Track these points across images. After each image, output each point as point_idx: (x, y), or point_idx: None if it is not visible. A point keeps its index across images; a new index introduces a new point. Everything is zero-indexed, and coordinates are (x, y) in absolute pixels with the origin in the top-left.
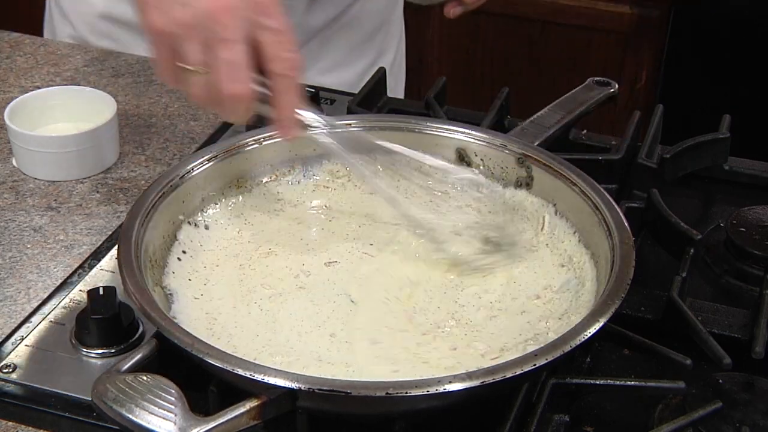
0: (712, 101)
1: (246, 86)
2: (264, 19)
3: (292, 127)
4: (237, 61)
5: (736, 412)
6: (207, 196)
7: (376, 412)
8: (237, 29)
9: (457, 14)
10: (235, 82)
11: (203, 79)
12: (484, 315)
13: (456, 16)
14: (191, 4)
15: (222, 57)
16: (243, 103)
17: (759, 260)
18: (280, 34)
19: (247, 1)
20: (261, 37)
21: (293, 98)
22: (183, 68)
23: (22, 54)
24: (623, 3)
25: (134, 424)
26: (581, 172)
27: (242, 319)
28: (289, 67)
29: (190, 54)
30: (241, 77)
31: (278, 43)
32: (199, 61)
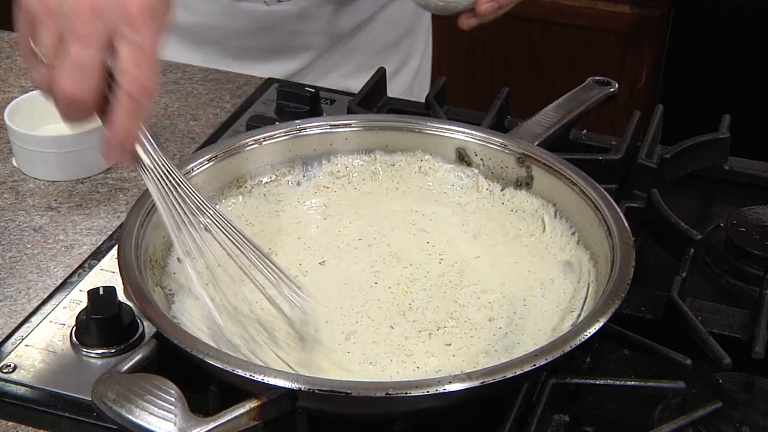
0: (712, 101)
1: (85, 90)
2: (129, 30)
3: (117, 151)
4: (84, 62)
5: (736, 412)
6: (207, 196)
7: (376, 413)
8: (95, 31)
9: (472, 26)
10: (75, 83)
11: (47, 68)
12: (483, 315)
13: (470, 28)
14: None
15: (71, 53)
16: (79, 107)
17: (759, 260)
18: (141, 50)
19: (118, 8)
20: (121, 49)
21: (130, 120)
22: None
23: None
24: (623, 3)
25: (134, 424)
26: (581, 172)
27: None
28: (137, 87)
29: (43, 39)
30: (83, 80)
31: (134, 58)
32: (48, 51)
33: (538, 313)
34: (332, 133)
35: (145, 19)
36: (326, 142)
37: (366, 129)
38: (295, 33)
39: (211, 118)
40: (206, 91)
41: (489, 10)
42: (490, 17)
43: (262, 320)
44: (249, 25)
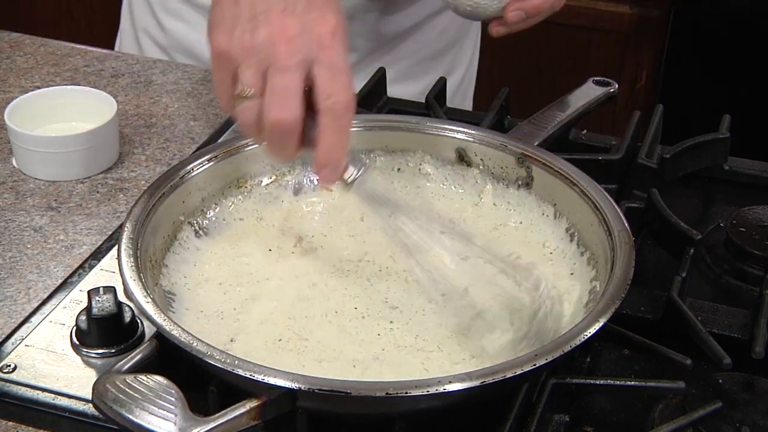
0: (712, 101)
1: (291, 114)
2: (322, 53)
3: (332, 173)
4: (288, 88)
5: (736, 412)
6: (207, 196)
7: (376, 412)
8: (293, 59)
9: (501, 34)
10: (281, 109)
11: (254, 104)
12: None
13: (499, 36)
14: (256, 31)
15: (273, 83)
16: (287, 133)
17: (759, 260)
18: (338, 71)
19: (310, 34)
20: (316, 71)
21: (339, 139)
22: (238, 93)
23: (22, 54)
24: (623, 3)
25: (134, 424)
26: (581, 172)
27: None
28: (341, 106)
29: (245, 76)
30: (288, 105)
31: (333, 79)
32: (252, 84)
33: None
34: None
35: (335, 40)
36: None
37: (366, 129)
38: None
39: (211, 118)
40: (206, 91)
41: (515, 18)
42: (519, 26)
43: None
44: None
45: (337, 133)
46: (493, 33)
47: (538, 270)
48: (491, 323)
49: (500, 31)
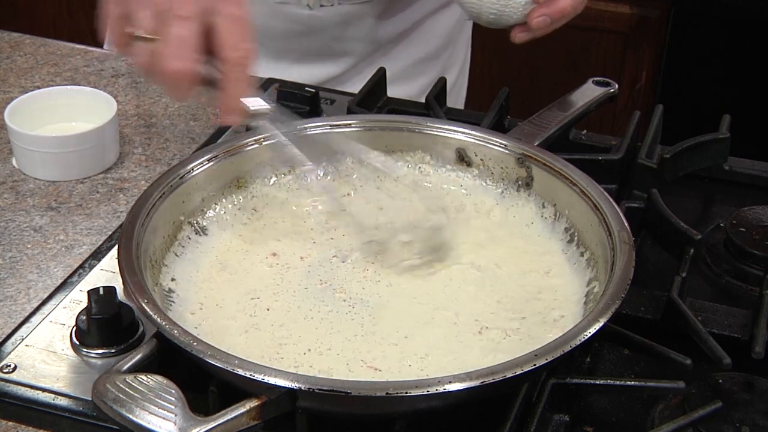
0: (712, 101)
1: (188, 65)
2: (222, 3)
3: (235, 114)
4: (185, 38)
5: (736, 412)
6: (207, 196)
7: (376, 412)
8: (192, 8)
9: (524, 40)
10: (179, 58)
11: (149, 47)
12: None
13: (522, 42)
14: None
15: (171, 31)
16: (184, 82)
17: (759, 260)
18: (238, 21)
19: None
20: (217, 21)
21: (241, 87)
22: (131, 34)
23: (22, 54)
24: (623, 3)
25: (134, 424)
26: (581, 172)
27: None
28: (241, 56)
29: (142, 20)
30: (186, 55)
31: (233, 30)
32: (149, 29)
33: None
34: (332, 133)
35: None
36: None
37: (366, 129)
38: (337, 38)
39: (211, 118)
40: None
41: (541, 24)
42: (543, 32)
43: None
44: (290, 28)
45: (238, 82)
46: (516, 40)
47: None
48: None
49: (523, 37)
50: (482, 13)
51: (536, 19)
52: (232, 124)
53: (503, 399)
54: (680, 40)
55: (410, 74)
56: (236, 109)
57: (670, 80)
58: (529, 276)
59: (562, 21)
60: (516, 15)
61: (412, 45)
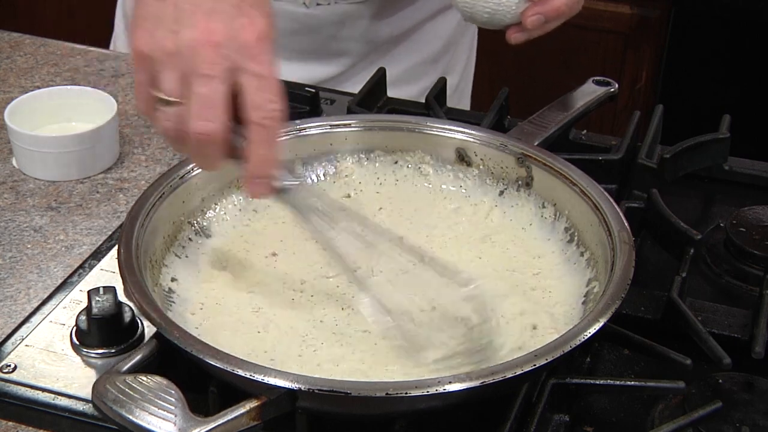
0: (712, 101)
1: (216, 126)
2: (249, 62)
3: (262, 186)
4: (211, 98)
5: (736, 412)
6: (207, 196)
7: (376, 413)
8: (218, 66)
9: (520, 41)
10: (206, 119)
11: (174, 111)
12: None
13: (518, 42)
14: (180, 33)
15: (197, 91)
16: (211, 145)
17: (759, 260)
18: (265, 80)
19: (237, 41)
20: (243, 81)
21: (269, 152)
22: (157, 97)
23: (22, 54)
24: (623, 3)
25: (134, 424)
26: (581, 172)
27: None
28: (269, 117)
29: (166, 82)
30: (213, 116)
31: (260, 90)
32: (173, 91)
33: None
34: (332, 133)
35: (263, 48)
36: (326, 142)
37: (366, 129)
38: (333, 37)
39: None
40: None
41: (535, 23)
42: (538, 32)
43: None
44: (287, 26)
45: (266, 146)
46: (511, 40)
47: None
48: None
49: (519, 37)
50: (476, 13)
51: (530, 18)
52: (259, 196)
53: (503, 399)
54: (680, 40)
55: (410, 77)
56: (263, 176)
57: (670, 80)
58: (528, 276)
59: (558, 20)
60: (510, 15)
61: (412, 47)
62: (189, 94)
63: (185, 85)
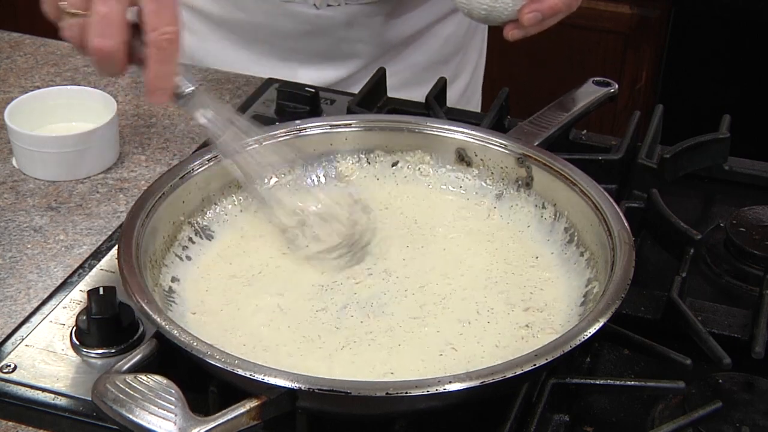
0: (712, 101)
1: (113, 43)
2: None
3: (160, 95)
4: (110, 17)
5: (736, 412)
6: (207, 196)
7: (376, 412)
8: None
9: (517, 38)
10: (104, 37)
11: (77, 23)
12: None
13: (516, 39)
14: None
15: (97, 9)
16: (109, 60)
17: (759, 260)
18: (162, 3)
19: None
20: (141, 3)
21: (166, 69)
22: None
23: (22, 54)
24: (623, 3)
25: (134, 424)
26: (581, 172)
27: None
28: (165, 40)
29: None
30: (111, 33)
31: (157, 13)
32: (75, 4)
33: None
34: (332, 133)
35: None
36: (326, 143)
37: (366, 129)
38: (343, 39)
39: None
40: None
41: (532, 20)
42: (535, 29)
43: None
44: (297, 28)
45: (163, 63)
46: (508, 37)
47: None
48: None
49: (516, 34)
50: (473, 9)
51: (527, 15)
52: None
53: (503, 399)
54: (680, 40)
55: (420, 79)
56: (160, 89)
57: (670, 80)
58: (527, 275)
59: (555, 18)
60: (507, 11)
61: (421, 49)
62: (91, 9)
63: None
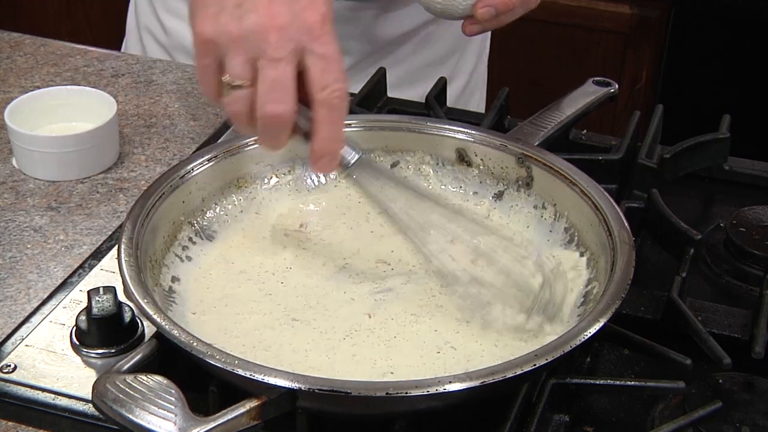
0: (712, 101)
1: (286, 107)
2: (314, 43)
3: (328, 164)
4: (281, 80)
5: (736, 412)
6: (207, 196)
7: (376, 413)
8: (284, 49)
9: (474, 33)
10: (276, 102)
11: (245, 94)
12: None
13: (473, 34)
14: (244, 18)
15: (265, 74)
16: (282, 126)
17: (759, 260)
18: (329, 60)
19: (300, 23)
20: (308, 61)
21: (335, 130)
22: (225, 82)
23: (22, 54)
24: (623, 3)
25: (134, 424)
26: (581, 172)
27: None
28: (335, 96)
29: (233, 66)
30: (283, 98)
31: (326, 69)
32: (241, 75)
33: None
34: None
35: (325, 29)
36: None
37: (366, 129)
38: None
39: (211, 118)
40: None
41: (485, 15)
42: (492, 24)
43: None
44: None
45: (332, 125)
46: (466, 32)
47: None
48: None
49: (473, 29)
50: (430, 4)
51: (480, 10)
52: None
53: (503, 399)
54: (680, 40)
55: (414, 79)
56: (328, 153)
57: (670, 80)
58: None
59: (511, 14)
60: (461, 6)
61: (416, 49)
62: (257, 77)
63: (253, 69)
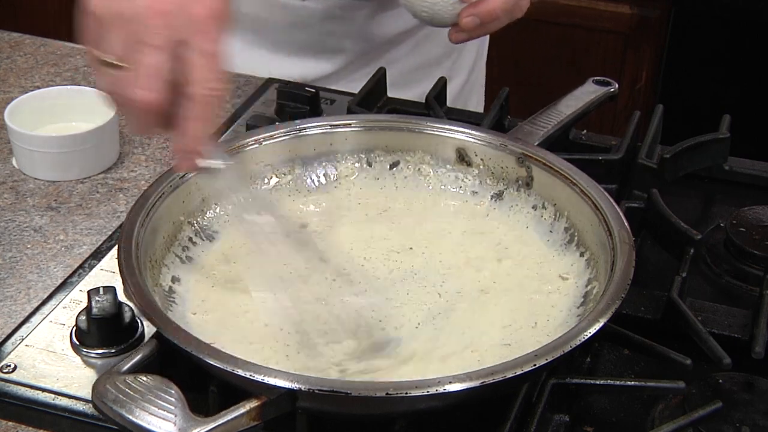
0: (712, 101)
1: (154, 96)
2: (196, 36)
3: (188, 161)
4: (154, 68)
5: (736, 412)
6: (207, 196)
7: (376, 413)
8: (162, 36)
9: (460, 40)
10: (145, 88)
11: (116, 74)
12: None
13: (459, 42)
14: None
15: (140, 59)
16: (148, 114)
17: (759, 260)
18: (210, 58)
19: (185, 15)
20: (188, 55)
21: (201, 129)
22: (101, 59)
23: (22, 54)
24: (623, 3)
25: (134, 424)
26: (581, 172)
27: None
28: (208, 95)
29: (112, 45)
30: (152, 86)
31: (204, 67)
32: (117, 55)
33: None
34: (332, 133)
35: (211, 25)
36: (326, 142)
37: (366, 129)
38: (330, 33)
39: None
40: None
41: (470, 24)
42: (477, 32)
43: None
44: (284, 19)
45: (199, 123)
46: (452, 40)
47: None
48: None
49: (459, 37)
50: (416, 12)
51: (465, 19)
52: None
53: (503, 399)
54: (680, 40)
55: (409, 79)
56: (192, 152)
57: (670, 80)
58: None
59: (496, 23)
60: (447, 15)
61: (411, 49)
62: (131, 60)
63: (130, 51)
